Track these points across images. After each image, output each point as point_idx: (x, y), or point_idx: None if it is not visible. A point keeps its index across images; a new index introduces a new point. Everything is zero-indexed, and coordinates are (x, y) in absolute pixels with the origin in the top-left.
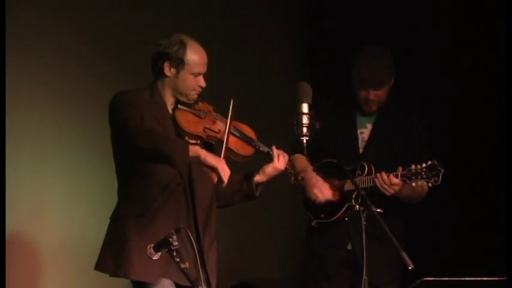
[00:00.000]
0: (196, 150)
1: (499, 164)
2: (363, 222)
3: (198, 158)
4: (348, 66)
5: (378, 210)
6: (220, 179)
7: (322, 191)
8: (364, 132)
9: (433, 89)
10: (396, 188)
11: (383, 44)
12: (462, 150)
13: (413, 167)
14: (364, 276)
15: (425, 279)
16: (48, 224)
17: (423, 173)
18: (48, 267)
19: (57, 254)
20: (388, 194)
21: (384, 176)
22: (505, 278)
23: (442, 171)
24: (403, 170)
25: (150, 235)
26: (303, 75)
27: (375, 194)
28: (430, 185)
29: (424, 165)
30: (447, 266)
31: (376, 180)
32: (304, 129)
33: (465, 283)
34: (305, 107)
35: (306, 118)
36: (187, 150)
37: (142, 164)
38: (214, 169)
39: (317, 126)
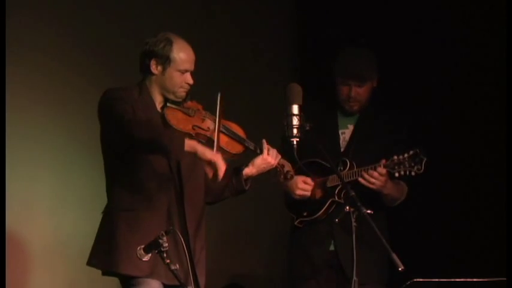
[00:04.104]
0: (193, 144)
1: (499, 163)
2: (353, 224)
3: (195, 153)
4: (330, 64)
5: (368, 211)
6: (215, 174)
7: (306, 182)
8: (346, 133)
9: (432, 89)
10: (381, 179)
11: (375, 45)
12: (461, 150)
13: (395, 157)
14: (354, 277)
15: (415, 280)
16: (37, 225)
17: (406, 163)
18: (37, 267)
19: (47, 254)
20: (373, 186)
21: (367, 169)
22: (505, 279)
23: (425, 159)
24: (386, 161)
25: (139, 229)
26: (293, 76)
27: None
28: (413, 173)
29: (406, 155)
30: (443, 266)
31: (359, 178)
32: (295, 131)
33: (458, 284)
34: (295, 109)
35: (296, 119)
36: (183, 142)
37: (131, 159)
38: (211, 164)
39: (307, 128)
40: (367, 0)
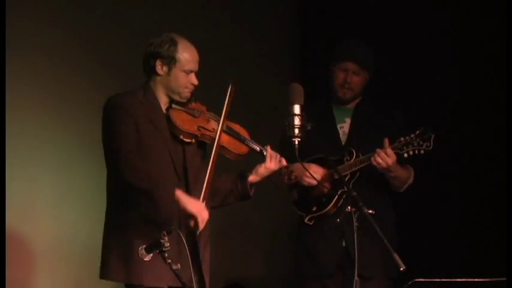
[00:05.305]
0: (177, 194)
1: (499, 163)
2: (355, 224)
3: (177, 202)
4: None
5: (370, 211)
6: (196, 227)
7: (316, 170)
8: (344, 126)
9: (432, 89)
10: (389, 160)
11: (376, 44)
12: (462, 150)
13: (402, 138)
14: (356, 277)
15: (417, 280)
16: (39, 225)
17: (414, 142)
18: (39, 267)
19: (48, 253)
20: (381, 167)
21: (377, 149)
22: (505, 279)
23: (433, 135)
24: (394, 143)
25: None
26: (294, 75)
27: (366, 182)
28: (422, 152)
29: (413, 134)
30: (444, 266)
31: (372, 158)
32: (296, 131)
33: (458, 284)
34: (297, 109)
35: (298, 119)
36: (173, 198)
37: None
38: (193, 217)
39: (309, 128)
40: None
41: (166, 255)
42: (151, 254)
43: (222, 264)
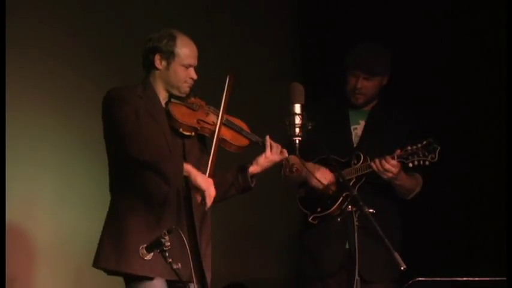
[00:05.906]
0: (187, 168)
1: (499, 163)
2: (355, 223)
3: (188, 176)
4: (343, 57)
5: (370, 210)
6: (204, 202)
7: (324, 174)
8: (358, 128)
9: (432, 88)
10: (394, 170)
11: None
12: (462, 150)
13: (409, 147)
14: (357, 277)
15: (418, 279)
16: (39, 223)
17: (419, 152)
18: (39, 266)
19: (49, 252)
20: (385, 177)
21: (381, 159)
22: (505, 278)
23: (439, 147)
24: (400, 151)
25: (150, 230)
26: (295, 74)
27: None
28: (427, 163)
29: (419, 144)
30: (445, 266)
31: (372, 164)
32: (297, 130)
33: (459, 283)
34: (297, 108)
35: (299, 119)
36: (182, 169)
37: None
38: (200, 191)
39: (309, 127)
40: None
41: (167, 254)
42: (151, 254)
43: (224, 265)
